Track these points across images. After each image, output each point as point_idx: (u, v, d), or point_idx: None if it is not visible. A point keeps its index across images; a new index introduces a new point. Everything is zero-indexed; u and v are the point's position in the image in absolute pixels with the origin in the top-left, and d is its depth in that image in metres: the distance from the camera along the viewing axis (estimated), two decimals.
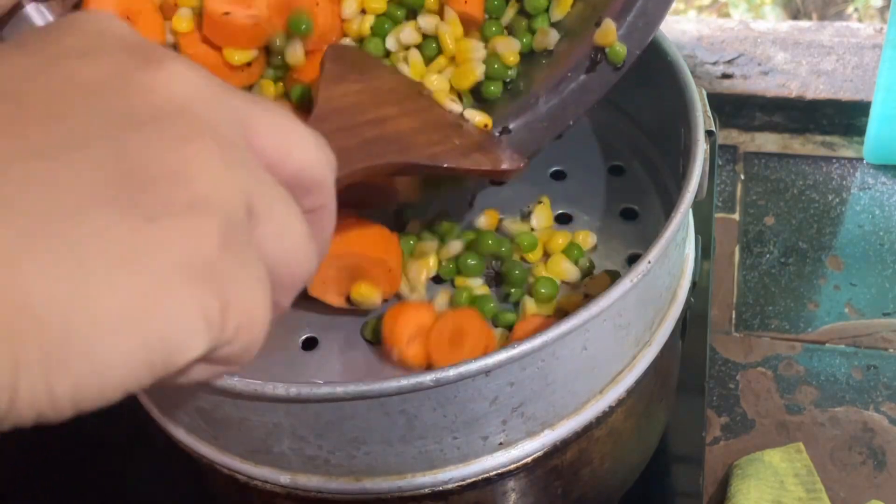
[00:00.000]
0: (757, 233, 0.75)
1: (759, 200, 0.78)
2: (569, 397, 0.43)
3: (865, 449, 0.62)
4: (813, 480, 0.58)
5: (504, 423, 0.41)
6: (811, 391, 0.65)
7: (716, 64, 0.86)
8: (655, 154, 0.57)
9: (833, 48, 0.86)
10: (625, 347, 0.44)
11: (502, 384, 0.39)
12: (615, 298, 0.40)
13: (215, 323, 0.23)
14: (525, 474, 0.44)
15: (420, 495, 0.43)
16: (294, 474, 0.43)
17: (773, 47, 0.87)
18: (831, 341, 0.68)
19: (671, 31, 0.88)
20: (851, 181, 0.78)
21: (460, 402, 0.39)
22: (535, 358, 0.39)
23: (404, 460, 0.42)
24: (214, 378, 0.26)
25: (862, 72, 0.84)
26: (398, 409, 0.39)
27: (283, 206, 0.26)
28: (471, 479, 0.43)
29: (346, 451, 0.41)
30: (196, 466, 0.47)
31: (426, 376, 0.38)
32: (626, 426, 0.48)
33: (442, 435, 0.41)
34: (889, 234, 0.74)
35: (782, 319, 0.69)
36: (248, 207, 0.24)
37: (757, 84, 0.85)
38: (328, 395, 0.38)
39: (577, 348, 0.41)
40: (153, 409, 0.46)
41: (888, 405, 0.64)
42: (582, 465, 0.47)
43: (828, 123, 0.83)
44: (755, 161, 0.81)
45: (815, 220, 0.76)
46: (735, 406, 0.65)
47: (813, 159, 0.81)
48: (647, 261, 0.41)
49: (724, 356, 0.68)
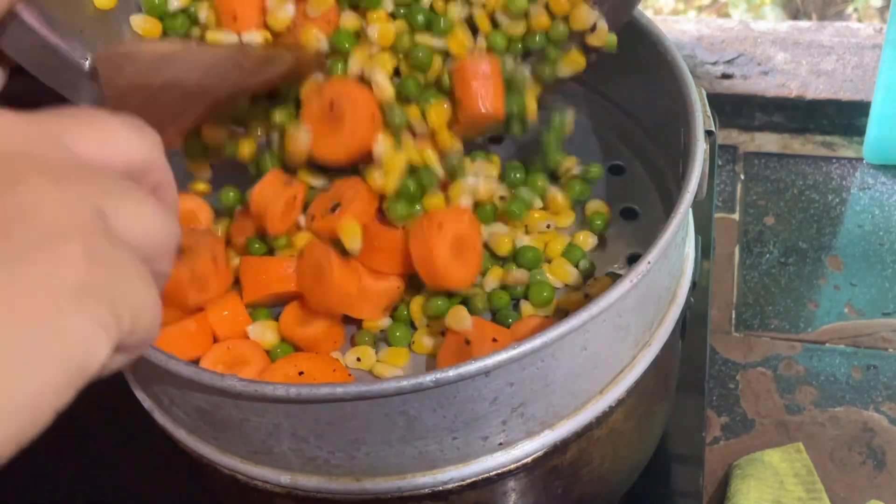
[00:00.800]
0: (757, 233, 0.75)
1: (759, 200, 0.78)
2: (569, 397, 0.43)
3: (865, 449, 0.62)
4: (813, 480, 0.58)
5: (504, 423, 0.41)
6: (811, 391, 0.65)
7: (716, 64, 0.86)
8: (656, 154, 0.57)
9: (833, 48, 0.86)
10: (625, 348, 0.44)
11: (502, 384, 0.39)
12: (615, 299, 0.40)
13: (111, 324, 0.25)
14: (525, 474, 0.44)
15: (420, 495, 0.43)
16: (294, 474, 0.43)
17: (773, 47, 0.87)
18: (831, 341, 0.68)
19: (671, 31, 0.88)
20: (851, 181, 0.78)
21: (460, 402, 0.39)
22: (534, 358, 0.39)
23: (404, 460, 0.42)
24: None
25: (862, 72, 0.84)
26: (398, 409, 0.39)
27: (126, 196, 0.28)
28: (471, 479, 0.43)
29: (347, 452, 0.41)
30: (196, 466, 0.47)
31: (426, 377, 0.38)
32: (626, 426, 0.48)
33: (442, 435, 0.41)
34: (889, 234, 0.74)
35: (782, 319, 0.70)
36: (98, 211, 0.26)
37: (757, 84, 0.85)
38: (328, 396, 0.38)
39: (577, 348, 0.41)
40: (154, 409, 0.46)
41: (888, 405, 0.64)
42: (582, 465, 0.47)
43: (828, 123, 0.83)
44: (755, 161, 0.81)
45: (815, 220, 0.76)
46: (735, 406, 0.65)
47: (813, 159, 0.81)
48: (647, 261, 0.41)
49: (724, 356, 0.68)
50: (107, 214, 0.26)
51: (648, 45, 0.52)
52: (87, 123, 0.28)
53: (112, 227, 0.26)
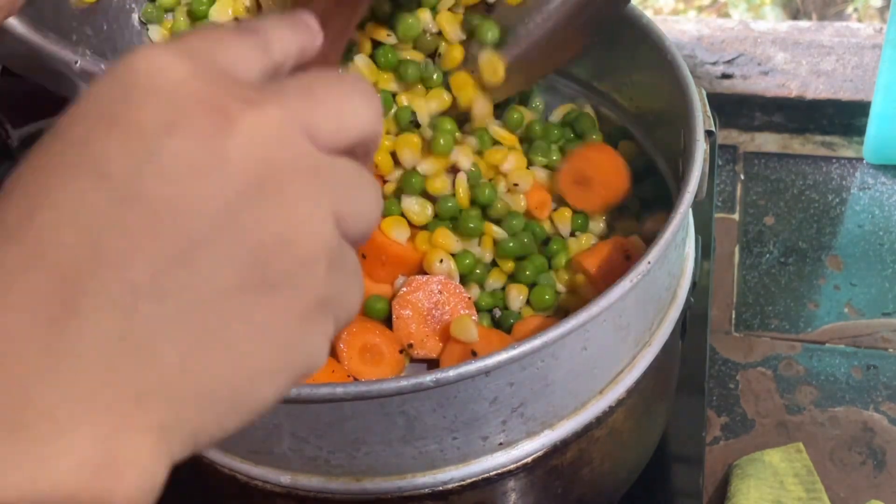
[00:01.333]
0: (757, 233, 0.75)
1: (759, 200, 0.78)
2: (569, 397, 0.43)
3: (865, 449, 0.62)
4: (813, 480, 0.58)
5: (504, 423, 0.41)
6: (811, 391, 0.65)
7: (716, 64, 0.86)
8: (655, 154, 0.57)
9: (833, 48, 0.86)
10: (625, 348, 0.44)
11: (502, 384, 0.39)
12: (615, 299, 0.40)
13: (332, 331, 0.27)
14: (525, 474, 0.44)
15: (420, 495, 0.43)
16: (294, 474, 0.43)
17: (773, 47, 0.87)
18: (831, 341, 0.68)
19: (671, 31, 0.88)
20: (851, 181, 0.78)
21: (460, 402, 0.39)
22: (534, 358, 0.39)
23: (404, 460, 0.42)
24: None
25: (862, 72, 0.84)
26: (398, 409, 0.39)
27: (360, 192, 0.28)
28: (471, 479, 0.43)
29: (347, 452, 0.41)
30: (197, 466, 0.47)
31: (426, 377, 0.38)
32: (626, 426, 0.48)
33: (442, 435, 0.41)
34: (889, 234, 0.74)
35: (782, 319, 0.70)
36: (338, 219, 0.26)
37: (757, 84, 0.85)
38: (328, 396, 0.38)
39: (577, 348, 0.41)
40: None
41: (888, 405, 0.64)
42: (582, 465, 0.47)
43: (828, 123, 0.83)
44: (755, 161, 0.81)
45: (815, 220, 0.76)
46: (735, 406, 0.65)
47: (813, 159, 0.81)
48: (647, 261, 0.41)
49: (724, 356, 0.68)
50: (343, 218, 0.26)
51: (649, 46, 0.52)
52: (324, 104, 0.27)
53: (345, 231, 0.27)
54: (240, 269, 0.24)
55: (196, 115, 0.24)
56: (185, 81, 0.25)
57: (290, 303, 0.25)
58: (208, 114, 0.24)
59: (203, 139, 0.24)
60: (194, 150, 0.24)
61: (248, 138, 0.24)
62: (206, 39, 0.26)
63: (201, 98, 0.25)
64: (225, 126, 0.24)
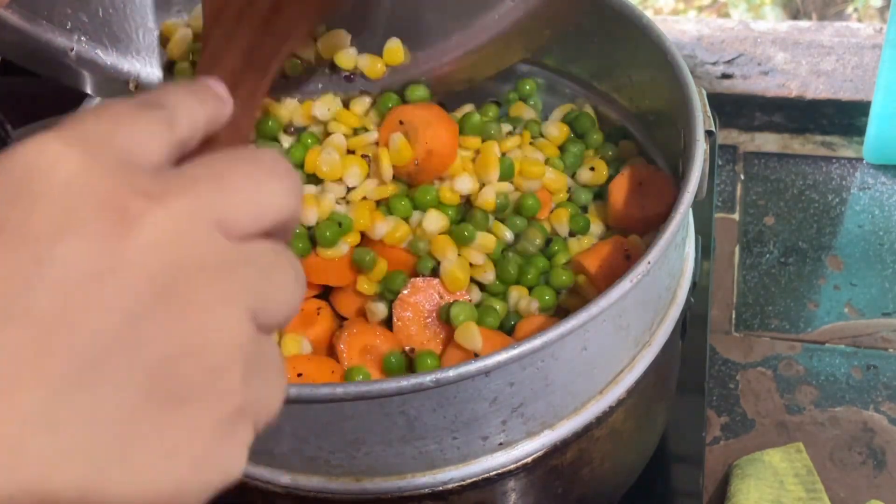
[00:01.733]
0: (757, 233, 0.75)
1: (759, 200, 0.78)
2: (569, 397, 0.43)
3: (865, 449, 0.62)
4: (813, 480, 0.58)
5: (504, 423, 0.41)
6: (811, 391, 0.65)
7: (716, 64, 0.86)
8: (655, 154, 0.57)
9: (833, 48, 0.86)
10: (625, 348, 0.44)
11: (502, 384, 0.39)
12: (615, 299, 0.40)
13: (251, 438, 0.25)
14: (525, 474, 0.44)
15: (420, 495, 0.43)
16: (294, 474, 0.43)
17: (772, 47, 0.87)
18: (831, 341, 0.68)
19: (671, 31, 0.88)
20: (851, 181, 0.78)
21: (460, 402, 0.39)
22: (534, 358, 0.39)
23: (404, 461, 0.42)
24: None
25: (862, 72, 0.84)
26: (398, 409, 0.39)
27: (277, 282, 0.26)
28: (471, 479, 0.43)
29: (347, 452, 0.41)
30: None
31: (426, 377, 0.38)
32: (626, 426, 0.48)
33: (442, 435, 0.41)
34: (889, 234, 0.74)
35: (782, 319, 0.70)
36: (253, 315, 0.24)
37: (757, 84, 0.85)
38: (328, 396, 0.38)
39: (577, 348, 0.41)
40: None
41: (888, 405, 0.64)
42: (582, 465, 0.47)
43: (828, 123, 0.83)
44: (755, 161, 0.81)
45: (815, 220, 0.76)
46: (735, 406, 0.65)
47: (813, 159, 0.81)
48: (647, 261, 0.41)
49: (724, 356, 0.68)
50: (261, 311, 0.25)
51: (649, 46, 0.52)
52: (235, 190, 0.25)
53: (262, 323, 0.25)
54: (143, 385, 0.22)
55: (90, 215, 0.22)
56: (78, 176, 0.22)
57: (201, 417, 0.23)
58: (104, 213, 0.22)
59: (98, 243, 0.22)
60: (88, 256, 0.21)
61: (149, 239, 0.22)
62: (103, 121, 0.24)
63: (96, 195, 0.22)
64: (123, 226, 0.22)
